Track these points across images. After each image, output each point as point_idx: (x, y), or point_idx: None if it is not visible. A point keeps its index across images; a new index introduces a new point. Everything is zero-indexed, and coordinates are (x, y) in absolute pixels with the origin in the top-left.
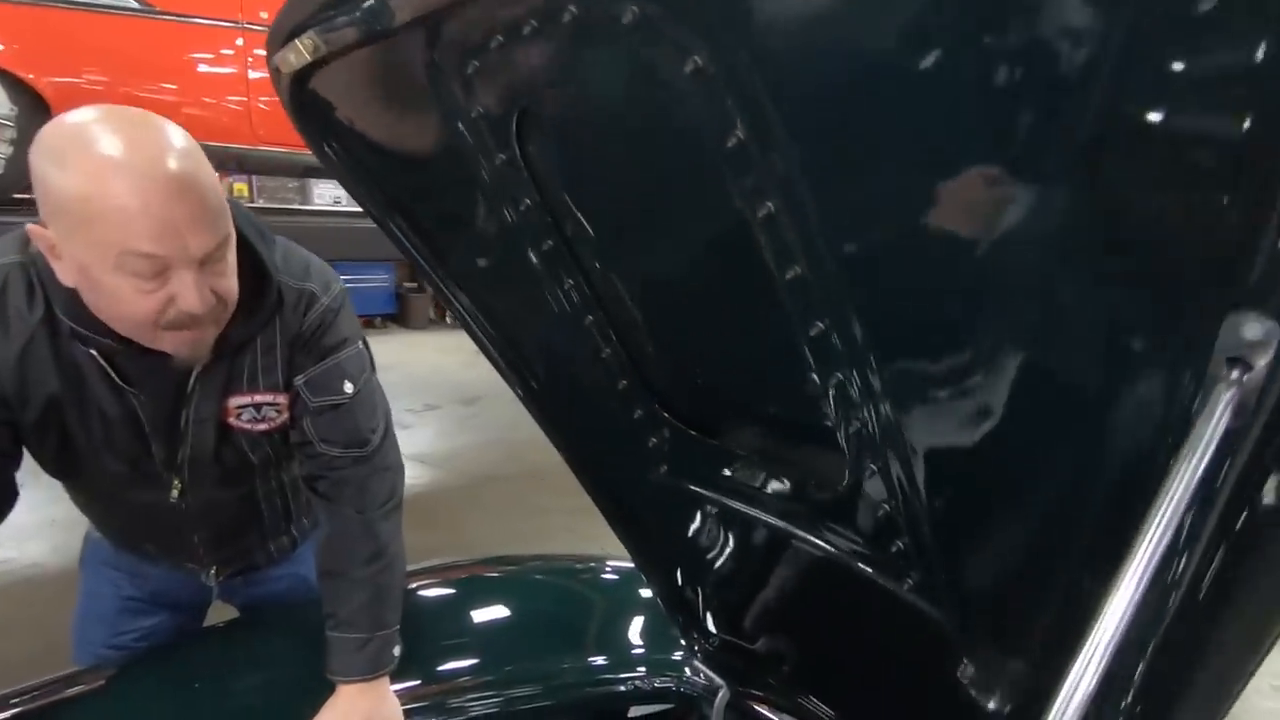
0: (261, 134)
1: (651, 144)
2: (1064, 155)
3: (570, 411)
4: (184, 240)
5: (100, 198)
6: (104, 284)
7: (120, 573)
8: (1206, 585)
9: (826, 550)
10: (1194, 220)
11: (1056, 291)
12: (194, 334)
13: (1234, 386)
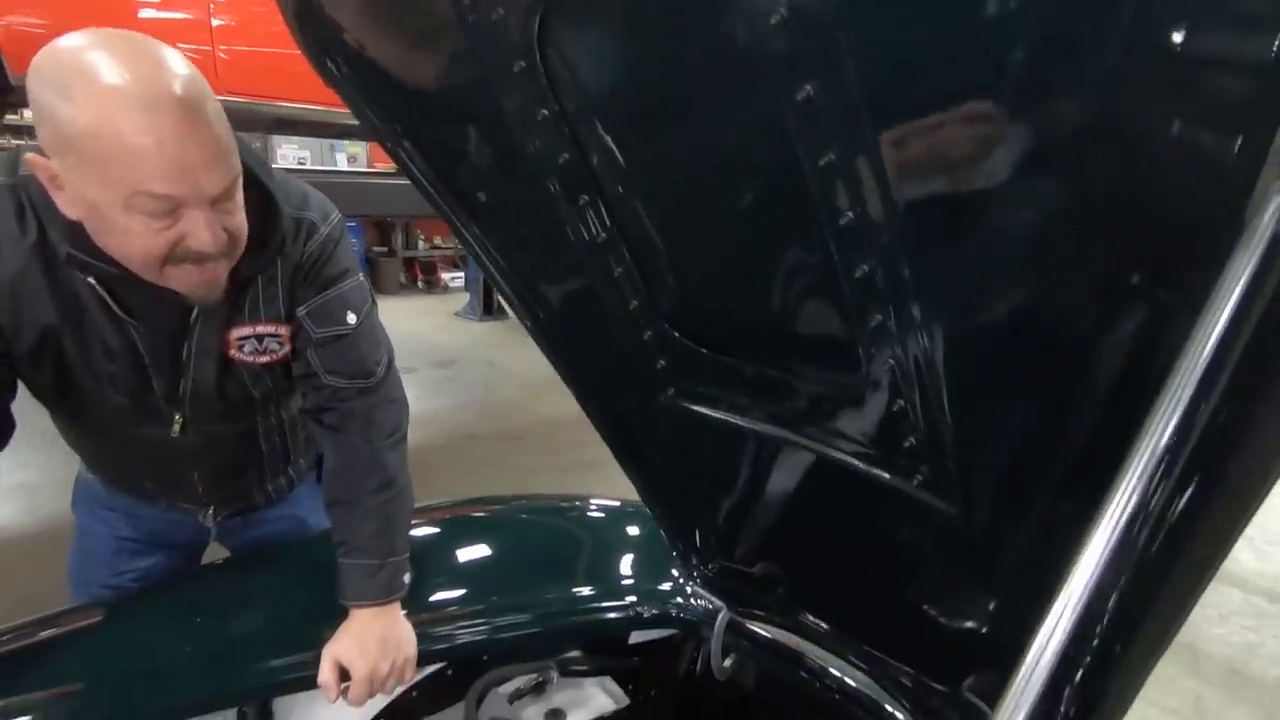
0: (226, 84)
1: (683, 49)
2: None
3: (580, 338)
4: (197, 180)
5: (111, 136)
6: (113, 221)
7: (115, 513)
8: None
9: (834, 456)
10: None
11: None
12: (203, 272)
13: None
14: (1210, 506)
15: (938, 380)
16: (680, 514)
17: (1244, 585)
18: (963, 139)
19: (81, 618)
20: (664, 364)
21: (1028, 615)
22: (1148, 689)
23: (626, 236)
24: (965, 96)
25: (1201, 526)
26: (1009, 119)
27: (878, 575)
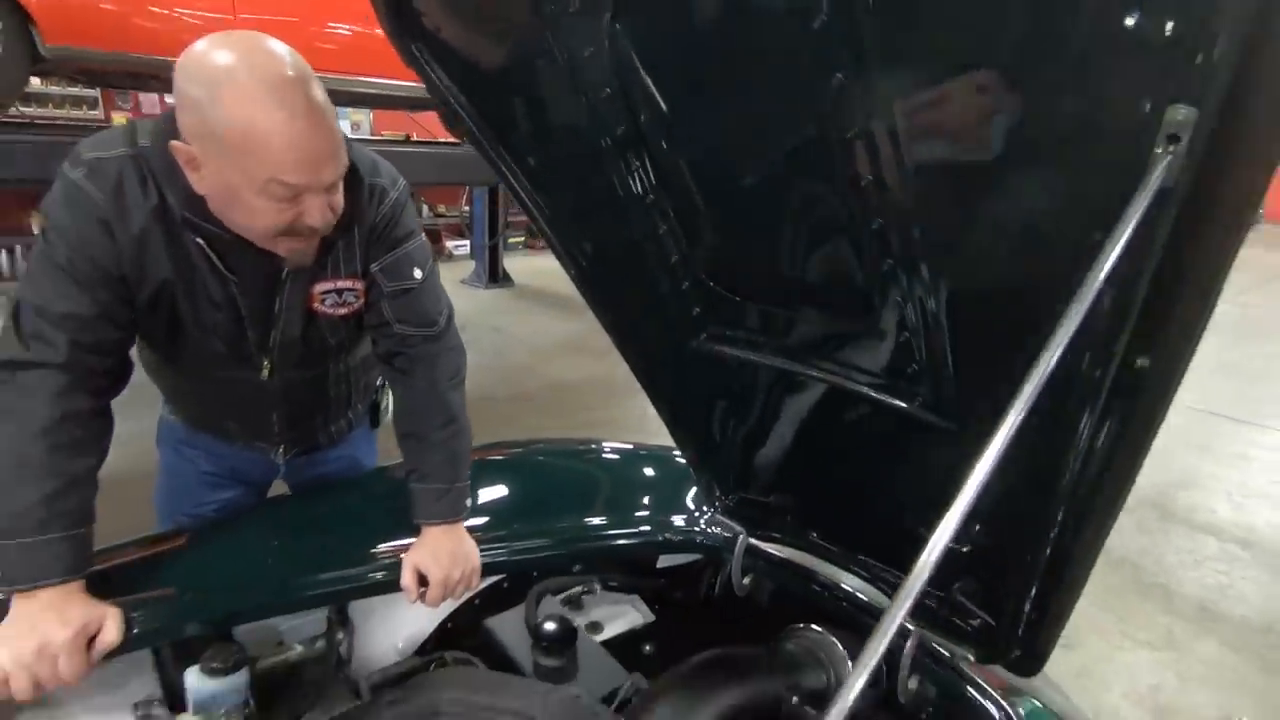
0: None
1: (730, 43)
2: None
3: (624, 289)
4: (320, 172)
5: (255, 135)
6: (244, 201)
7: (198, 450)
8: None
9: (846, 386)
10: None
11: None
12: (308, 241)
13: (1168, 155)
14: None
15: (939, 313)
16: (706, 449)
17: (1219, 534)
18: (956, 120)
19: (183, 537)
20: (698, 311)
21: (1005, 525)
22: (1123, 622)
23: (671, 199)
24: (956, 87)
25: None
26: (983, 108)
27: (880, 495)
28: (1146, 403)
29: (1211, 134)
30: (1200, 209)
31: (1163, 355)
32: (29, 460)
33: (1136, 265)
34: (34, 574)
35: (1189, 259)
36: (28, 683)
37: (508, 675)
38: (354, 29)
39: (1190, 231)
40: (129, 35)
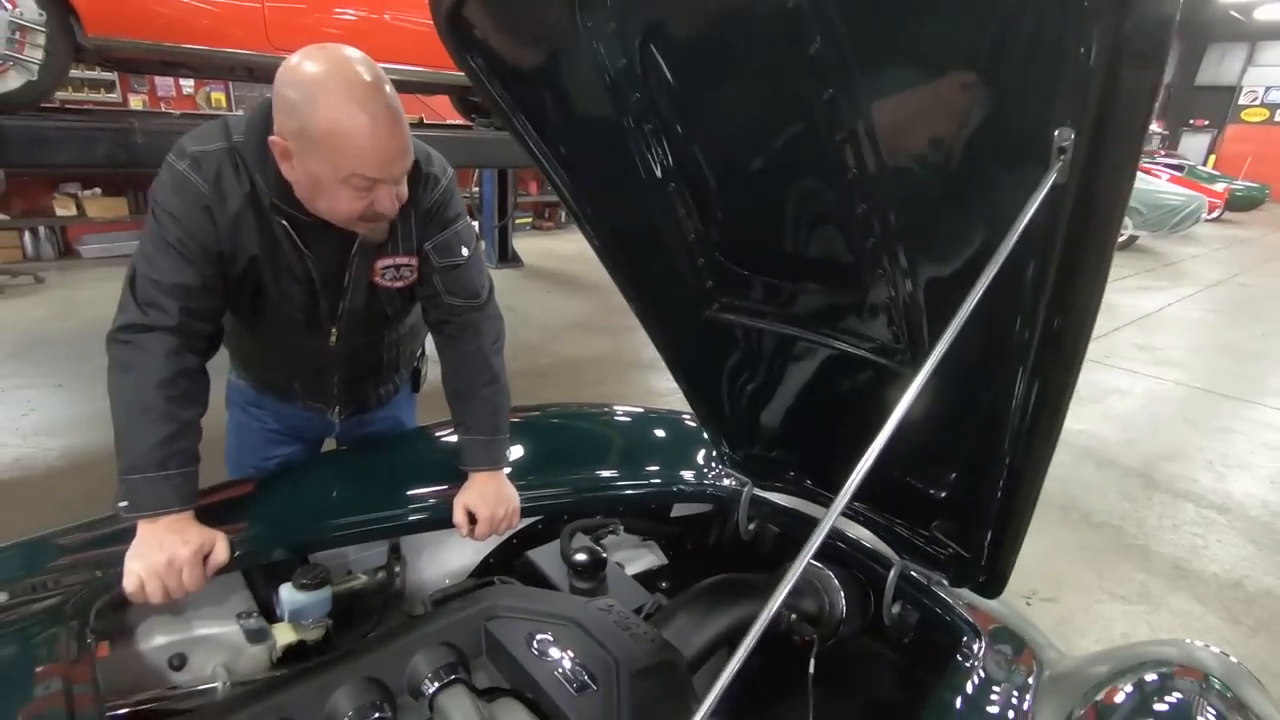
0: (275, 41)
1: (742, 65)
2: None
3: (646, 264)
4: (393, 168)
5: (341, 135)
6: (327, 189)
7: (264, 410)
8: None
9: (839, 348)
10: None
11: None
12: (378, 224)
13: (1059, 161)
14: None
15: (915, 282)
16: (716, 408)
17: (1199, 501)
18: (916, 132)
19: (253, 484)
20: (711, 284)
21: (969, 473)
22: (1102, 579)
23: (692, 186)
24: (915, 110)
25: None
26: (935, 126)
27: (866, 446)
28: (1063, 362)
29: (1088, 149)
30: (1084, 199)
31: (1072, 318)
32: (150, 408)
33: (1044, 240)
34: (157, 503)
35: (1080, 235)
36: (160, 590)
37: (551, 591)
38: (359, 14)
39: (1080, 216)
40: (162, 25)
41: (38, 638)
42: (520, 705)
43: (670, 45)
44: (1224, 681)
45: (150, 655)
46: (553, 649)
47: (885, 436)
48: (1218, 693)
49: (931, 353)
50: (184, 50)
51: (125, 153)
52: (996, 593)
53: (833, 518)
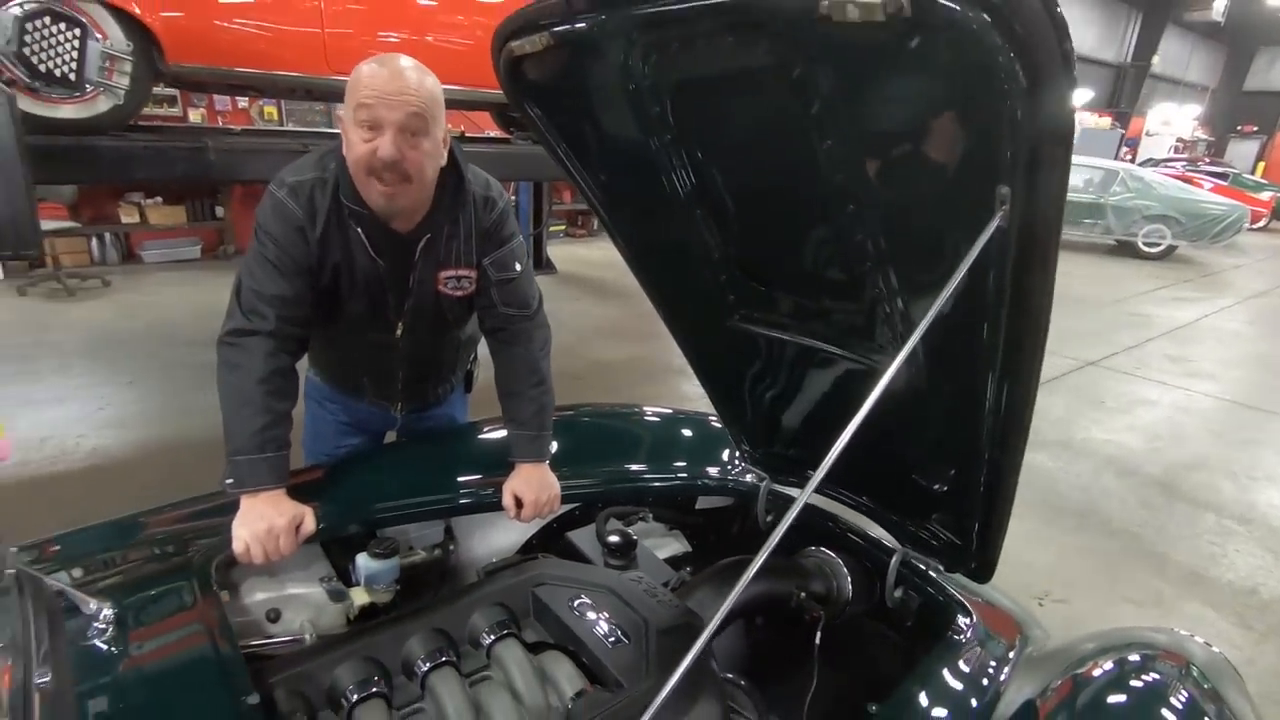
0: (333, 65)
1: (757, 117)
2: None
3: (675, 279)
4: (392, 106)
5: (357, 74)
6: (348, 136)
7: (336, 405)
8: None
9: (843, 355)
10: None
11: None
12: (389, 187)
13: (1000, 210)
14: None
15: (903, 299)
16: (737, 410)
17: (1220, 511)
18: (897, 179)
19: (324, 470)
20: (733, 297)
21: (960, 471)
22: (1116, 584)
23: (716, 212)
24: (895, 169)
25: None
26: (915, 180)
27: (873, 447)
28: (1025, 362)
29: (1021, 201)
30: (1022, 236)
31: (1028, 322)
32: (251, 401)
33: (998, 266)
34: (257, 481)
35: (1023, 262)
36: (261, 553)
37: (589, 565)
38: (403, 36)
39: (1021, 248)
40: (233, 53)
41: (174, 587)
42: (564, 656)
43: (697, 96)
44: (1204, 672)
45: (252, 609)
46: (591, 611)
47: (853, 427)
48: (1195, 680)
49: (899, 352)
50: (252, 75)
51: (199, 169)
52: (987, 578)
53: (808, 492)
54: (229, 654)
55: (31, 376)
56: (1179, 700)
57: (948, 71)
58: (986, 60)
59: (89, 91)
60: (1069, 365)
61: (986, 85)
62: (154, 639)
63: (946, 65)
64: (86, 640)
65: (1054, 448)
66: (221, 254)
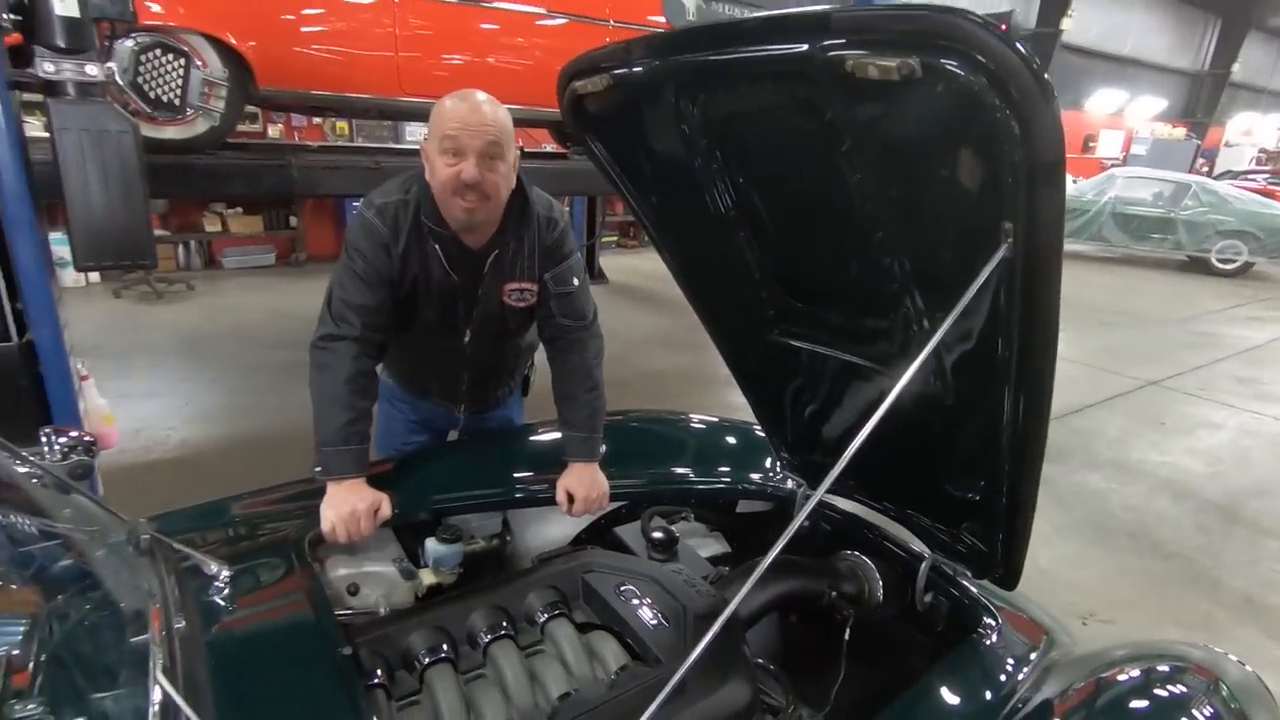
0: (405, 87)
1: (794, 144)
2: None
3: (719, 294)
4: (471, 137)
5: (440, 108)
6: (433, 162)
7: (406, 404)
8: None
9: (875, 368)
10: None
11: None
12: (471, 204)
13: (1005, 242)
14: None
15: (929, 317)
16: (777, 418)
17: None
18: (918, 213)
19: (393, 463)
20: (773, 312)
21: (993, 479)
22: (1163, 606)
23: (757, 234)
24: (917, 198)
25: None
26: (925, 208)
27: (905, 455)
28: (1037, 374)
29: (1023, 234)
30: (1026, 264)
31: (1037, 338)
32: (338, 398)
33: (1007, 290)
34: (342, 469)
35: (1028, 286)
36: (345, 533)
37: (634, 556)
38: (465, 59)
39: (1025, 275)
40: (317, 78)
41: (275, 557)
42: (609, 635)
43: (740, 131)
44: (1234, 691)
45: (335, 582)
46: (635, 597)
47: (867, 431)
48: (1223, 698)
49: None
50: (332, 97)
51: (283, 185)
52: (1013, 585)
53: (823, 490)
54: (325, 613)
55: (127, 372)
56: (1202, 714)
57: (953, 122)
58: (986, 115)
59: (189, 114)
60: (1129, 385)
61: (986, 135)
62: (262, 597)
63: (952, 117)
64: (209, 596)
65: (1107, 468)
66: (293, 261)
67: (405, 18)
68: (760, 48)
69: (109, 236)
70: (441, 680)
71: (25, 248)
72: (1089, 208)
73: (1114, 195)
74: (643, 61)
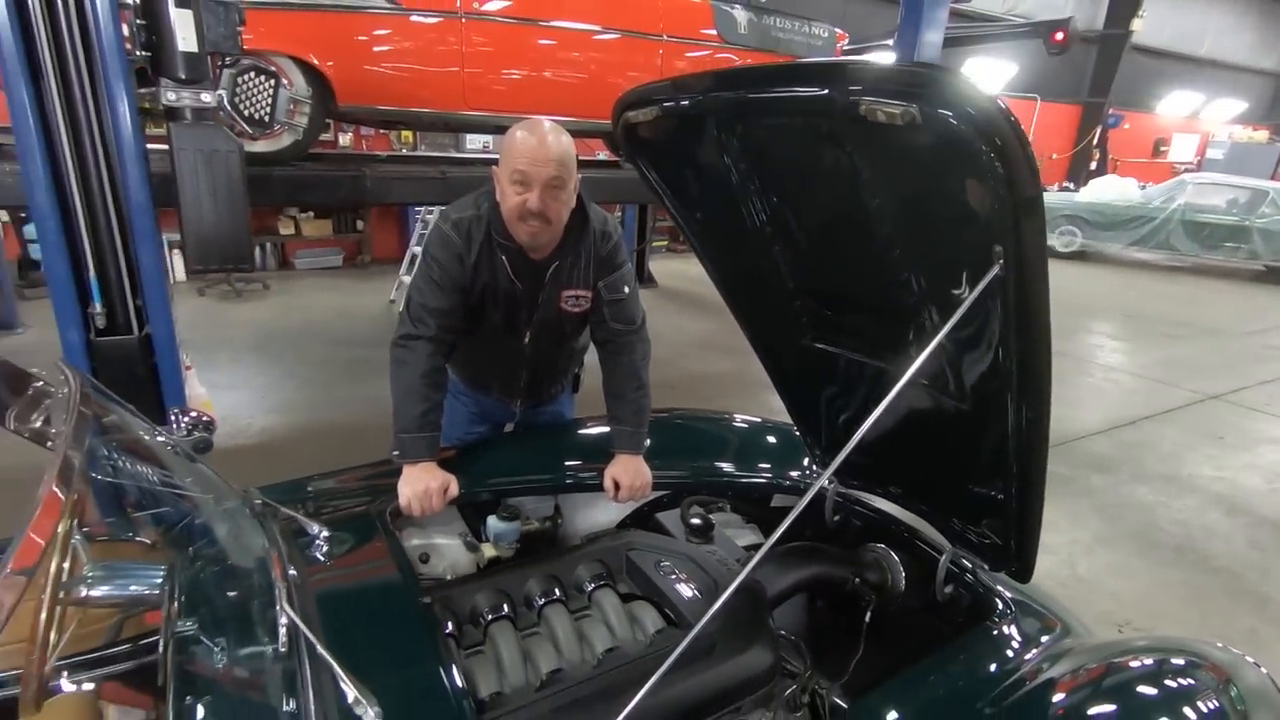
0: (469, 101)
1: (822, 171)
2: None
3: (757, 303)
4: (540, 169)
5: (511, 141)
6: (503, 189)
7: (468, 398)
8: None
9: (899, 369)
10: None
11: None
12: (535, 228)
13: (997, 263)
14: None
15: (942, 325)
16: (811, 419)
17: None
18: (925, 236)
19: (450, 453)
20: (805, 320)
21: (1009, 481)
22: (1206, 618)
23: (790, 249)
24: (926, 224)
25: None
26: (932, 232)
27: (928, 456)
28: (1035, 380)
29: (1013, 256)
30: (1018, 281)
31: (1030, 344)
32: (415, 391)
33: (1002, 303)
34: (417, 453)
35: (1020, 300)
36: (419, 508)
37: (673, 539)
38: (524, 73)
39: (1016, 290)
40: (391, 94)
41: (362, 525)
42: (649, 604)
43: (774, 159)
44: (1244, 693)
45: (409, 551)
46: (672, 573)
47: (872, 419)
48: (1230, 699)
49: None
50: (404, 112)
51: (357, 194)
52: (1026, 578)
53: (827, 474)
54: (406, 570)
55: (211, 365)
56: (1205, 708)
57: (948, 161)
58: (973, 157)
59: (276, 129)
60: (1187, 398)
61: (974, 172)
62: (353, 556)
63: (947, 157)
64: (311, 551)
65: (1156, 481)
66: (359, 262)
67: (470, 36)
68: (789, 89)
69: (216, 244)
70: (503, 634)
71: (147, 252)
72: (1156, 215)
73: (1184, 202)
74: (688, 96)
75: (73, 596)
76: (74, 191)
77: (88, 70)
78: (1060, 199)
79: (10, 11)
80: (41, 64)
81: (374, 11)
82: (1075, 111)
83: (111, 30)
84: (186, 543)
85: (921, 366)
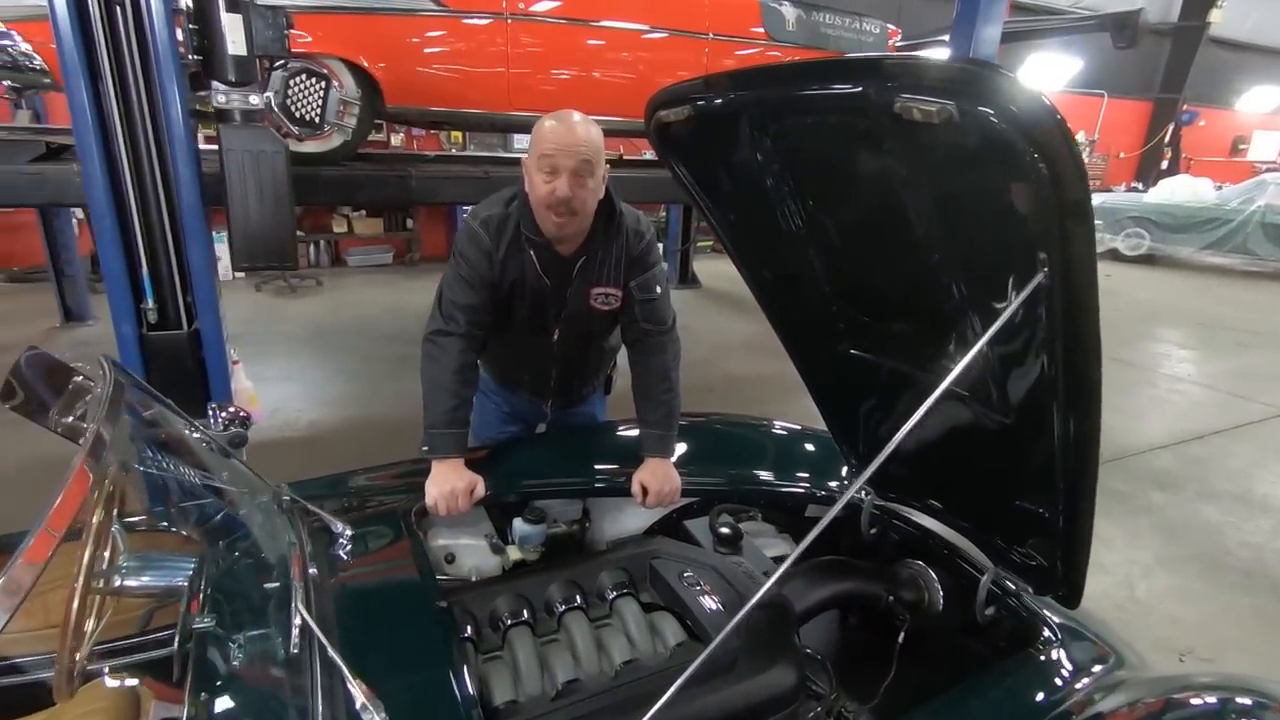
0: (514, 102)
1: (857, 176)
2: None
3: (794, 311)
4: (567, 155)
5: (540, 128)
6: (532, 178)
7: (499, 397)
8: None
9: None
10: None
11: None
12: (562, 219)
13: (1041, 270)
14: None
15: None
16: (848, 428)
17: None
18: (967, 242)
19: (487, 449)
20: (842, 327)
21: (1055, 498)
22: (1275, 648)
23: (826, 255)
24: (966, 228)
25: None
26: (973, 239)
27: (970, 470)
28: (1084, 392)
29: (1058, 263)
30: (1062, 289)
31: (1079, 355)
32: (445, 387)
33: (1048, 312)
34: (445, 450)
35: (1067, 307)
36: (445, 507)
37: (700, 548)
38: (571, 73)
39: (1061, 297)
40: (438, 95)
41: (387, 524)
42: (670, 615)
43: (809, 159)
44: None
45: (434, 551)
46: (696, 584)
47: (907, 428)
48: None
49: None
50: (450, 113)
51: (403, 193)
52: (1075, 603)
53: (859, 483)
54: (426, 573)
55: (266, 359)
56: None
57: (987, 162)
58: (1015, 158)
59: (326, 130)
60: (1262, 413)
61: (1017, 174)
62: (376, 555)
63: (986, 157)
64: (334, 550)
65: (1225, 500)
66: (409, 260)
67: (517, 37)
68: (823, 87)
69: (260, 242)
70: (521, 640)
71: (197, 250)
72: (1233, 217)
73: (1264, 203)
74: (721, 94)
75: (109, 585)
76: (129, 191)
77: (143, 73)
78: (1127, 199)
79: (71, 16)
80: (100, 67)
81: (422, 14)
82: (1145, 108)
83: (166, 34)
84: (216, 537)
85: (961, 377)
